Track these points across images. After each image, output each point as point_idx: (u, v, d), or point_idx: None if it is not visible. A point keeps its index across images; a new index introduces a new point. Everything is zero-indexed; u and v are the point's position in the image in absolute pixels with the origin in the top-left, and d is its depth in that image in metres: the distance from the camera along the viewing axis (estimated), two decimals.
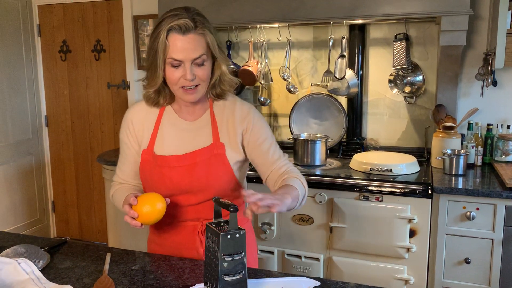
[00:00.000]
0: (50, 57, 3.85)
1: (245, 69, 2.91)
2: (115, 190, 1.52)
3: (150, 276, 1.26)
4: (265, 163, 1.44)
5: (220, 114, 1.45)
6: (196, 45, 1.30)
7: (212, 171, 1.39)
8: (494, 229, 2.09)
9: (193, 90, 1.35)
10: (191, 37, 1.30)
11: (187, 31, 1.29)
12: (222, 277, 1.04)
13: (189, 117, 1.45)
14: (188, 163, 1.39)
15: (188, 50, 1.29)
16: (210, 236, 1.09)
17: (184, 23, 1.28)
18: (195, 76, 1.32)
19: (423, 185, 2.19)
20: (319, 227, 2.39)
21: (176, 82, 1.33)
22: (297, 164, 2.61)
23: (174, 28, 1.28)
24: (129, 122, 1.47)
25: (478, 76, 2.57)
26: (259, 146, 1.44)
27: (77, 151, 3.91)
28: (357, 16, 2.46)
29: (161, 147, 1.43)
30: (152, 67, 1.34)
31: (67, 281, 1.23)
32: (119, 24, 3.55)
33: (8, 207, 3.68)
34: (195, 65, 1.32)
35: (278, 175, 1.41)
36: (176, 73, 1.32)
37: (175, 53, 1.29)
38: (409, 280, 2.25)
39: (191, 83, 1.32)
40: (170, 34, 1.29)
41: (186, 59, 1.30)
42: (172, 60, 1.30)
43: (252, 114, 1.45)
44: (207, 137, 1.42)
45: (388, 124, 2.89)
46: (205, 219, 1.42)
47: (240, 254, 1.06)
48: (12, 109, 3.67)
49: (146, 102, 1.46)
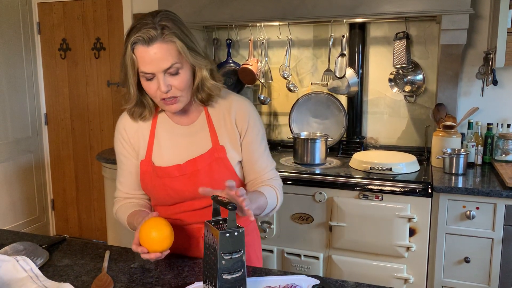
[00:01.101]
0: (50, 55, 3.85)
1: (245, 67, 2.90)
2: (118, 206, 1.45)
3: (149, 274, 1.25)
4: (252, 168, 1.41)
5: (216, 115, 1.39)
6: (165, 55, 1.21)
7: (215, 177, 1.35)
8: (494, 228, 2.09)
9: (173, 100, 1.27)
10: (157, 47, 1.20)
11: (152, 41, 1.19)
12: (221, 276, 1.03)
13: (184, 121, 1.39)
14: (189, 171, 1.34)
15: (157, 61, 1.21)
16: (209, 234, 1.08)
17: (146, 33, 1.19)
18: (171, 86, 1.24)
19: (423, 184, 2.18)
20: (318, 225, 2.39)
21: (154, 95, 1.27)
22: (297, 163, 2.61)
23: (138, 40, 1.20)
24: (123, 131, 1.41)
25: (479, 75, 2.56)
26: (253, 150, 1.40)
27: (76, 149, 3.90)
28: (358, 14, 2.46)
29: (159, 157, 1.37)
30: (125, 83, 1.29)
31: (66, 278, 1.22)
32: (119, 22, 3.55)
33: (8, 205, 3.68)
34: (169, 75, 1.24)
35: (261, 182, 1.41)
36: (152, 86, 1.25)
37: (144, 66, 1.22)
38: (408, 279, 2.24)
39: (167, 95, 1.25)
40: (136, 47, 1.21)
41: (157, 71, 1.22)
42: (144, 74, 1.23)
43: (249, 113, 1.40)
44: (205, 141, 1.37)
45: (388, 123, 2.89)
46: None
47: (239, 252, 1.05)
48: (12, 107, 3.66)
49: (131, 118, 1.39)
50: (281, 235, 2.47)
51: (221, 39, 3.14)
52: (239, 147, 1.40)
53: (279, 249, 2.49)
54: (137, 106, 1.35)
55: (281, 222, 2.46)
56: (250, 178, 1.43)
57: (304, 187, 2.38)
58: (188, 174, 1.35)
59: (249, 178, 1.43)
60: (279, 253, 2.49)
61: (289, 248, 2.47)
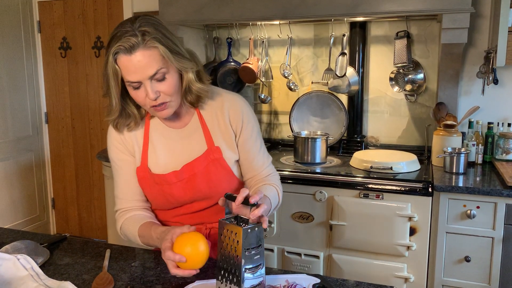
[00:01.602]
0: (50, 53, 3.84)
1: (245, 66, 2.90)
2: (124, 221, 1.37)
3: (150, 273, 1.25)
4: (250, 166, 1.41)
5: (209, 115, 1.37)
6: (149, 61, 1.17)
7: (212, 178, 1.35)
8: (495, 227, 2.09)
9: (163, 106, 1.25)
10: (140, 54, 1.16)
11: (134, 48, 1.16)
12: (244, 271, 1.04)
13: (177, 125, 1.37)
14: (187, 176, 1.33)
15: (141, 68, 1.17)
16: (226, 232, 1.08)
17: (127, 42, 1.15)
18: (159, 93, 1.21)
19: (424, 183, 2.18)
20: (319, 224, 2.39)
21: (144, 102, 1.24)
22: (298, 162, 2.61)
23: (120, 49, 1.16)
24: (117, 136, 1.37)
25: (479, 74, 2.56)
26: (249, 148, 1.40)
27: (77, 148, 3.90)
28: (359, 13, 2.45)
29: (155, 164, 1.35)
30: (108, 94, 1.25)
31: (67, 277, 1.22)
32: (119, 20, 3.54)
33: (8, 204, 3.68)
34: (156, 81, 1.20)
35: (259, 179, 1.41)
36: (140, 94, 1.22)
37: (129, 75, 1.18)
38: (409, 278, 2.24)
39: (156, 101, 1.22)
40: (118, 57, 1.17)
41: (143, 78, 1.18)
42: (130, 83, 1.20)
43: (242, 110, 1.38)
44: (200, 143, 1.35)
45: (388, 122, 2.89)
46: (209, 223, 1.41)
47: (260, 247, 1.07)
48: (12, 106, 3.66)
49: (115, 129, 1.35)
50: (281, 234, 2.47)
51: (221, 38, 3.14)
52: (235, 146, 1.39)
53: (279, 248, 2.49)
54: (121, 117, 1.31)
55: (281, 221, 2.46)
56: (248, 176, 1.43)
57: (305, 186, 2.38)
58: (185, 179, 1.33)
59: (247, 176, 1.43)
60: (280, 252, 2.49)
61: (290, 247, 2.47)
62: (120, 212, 1.40)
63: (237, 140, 1.39)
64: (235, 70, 3.02)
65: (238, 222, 1.12)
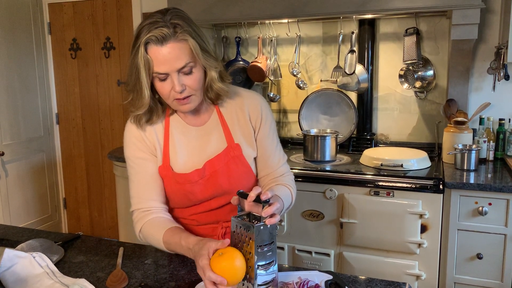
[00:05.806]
0: (61, 55, 3.88)
1: (254, 65, 2.91)
2: (143, 224, 1.33)
3: (163, 270, 1.27)
4: (266, 163, 1.41)
5: (228, 113, 1.38)
6: (179, 54, 1.18)
7: (233, 175, 1.35)
8: (507, 224, 2.08)
9: (187, 100, 1.25)
10: (171, 46, 1.17)
11: (166, 40, 1.16)
12: (257, 267, 1.05)
13: (196, 122, 1.37)
14: (208, 173, 1.33)
15: (171, 60, 1.18)
16: (238, 229, 1.09)
17: (160, 32, 1.16)
18: (185, 86, 1.22)
19: (435, 180, 2.17)
20: (329, 222, 2.39)
21: (168, 95, 1.24)
22: (307, 160, 2.61)
23: (151, 39, 1.16)
24: (136, 133, 1.35)
25: (490, 70, 2.54)
26: (266, 145, 1.41)
27: (87, 148, 3.94)
28: (367, 10, 2.45)
29: (177, 162, 1.34)
30: (137, 87, 1.23)
31: (81, 274, 1.24)
32: (128, 21, 3.57)
33: (21, 204, 3.72)
34: (183, 75, 1.21)
35: (273, 178, 1.41)
36: (166, 86, 1.22)
37: (159, 66, 1.18)
38: (420, 276, 2.24)
39: (181, 95, 1.23)
40: (149, 47, 1.17)
41: (171, 70, 1.19)
42: (157, 74, 1.20)
43: (261, 107, 1.39)
44: (220, 140, 1.36)
45: (398, 119, 2.87)
46: (225, 221, 1.40)
47: (272, 244, 1.08)
48: (24, 107, 3.70)
49: (137, 126, 1.33)
50: (292, 232, 2.48)
51: (230, 37, 3.15)
52: (254, 143, 1.40)
53: (290, 246, 2.50)
54: (146, 112, 1.30)
55: (292, 219, 2.46)
56: (262, 173, 1.43)
57: (315, 184, 2.38)
58: (207, 177, 1.34)
59: (261, 174, 1.43)
60: (290, 250, 2.50)
61: (300, 245, 2.47)
62: (137, 213, 1.36)
63: (256, 135, 1.40)
64: (244, 69, 3.02)
65: (251, 220, 1.12)
